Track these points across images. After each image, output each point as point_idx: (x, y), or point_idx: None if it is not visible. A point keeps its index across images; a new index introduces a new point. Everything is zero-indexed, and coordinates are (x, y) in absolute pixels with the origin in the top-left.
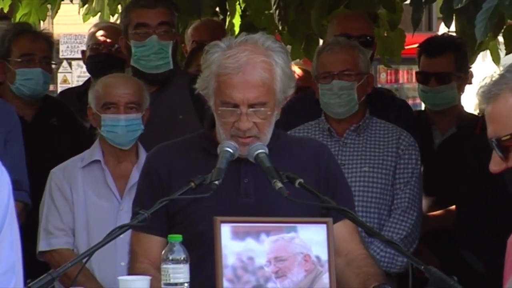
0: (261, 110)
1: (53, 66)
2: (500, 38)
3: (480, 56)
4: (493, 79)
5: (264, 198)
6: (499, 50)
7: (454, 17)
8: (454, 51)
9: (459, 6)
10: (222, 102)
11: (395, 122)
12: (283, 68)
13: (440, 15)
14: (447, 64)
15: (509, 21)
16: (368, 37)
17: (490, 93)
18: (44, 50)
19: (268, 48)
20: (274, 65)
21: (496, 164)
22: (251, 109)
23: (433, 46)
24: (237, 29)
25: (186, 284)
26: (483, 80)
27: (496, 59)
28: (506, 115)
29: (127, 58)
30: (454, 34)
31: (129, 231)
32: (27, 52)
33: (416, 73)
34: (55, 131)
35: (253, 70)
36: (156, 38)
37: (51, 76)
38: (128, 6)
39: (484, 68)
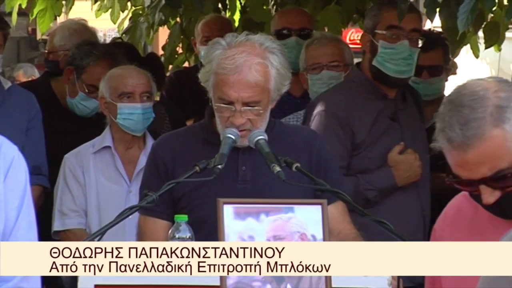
0: (255, 108)
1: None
2: (480, 33)
3: (464, 49)
4: (460, 119)
5: (260, 184)
6: (479, 44)
7: (437, 12)
8: (442, 46)
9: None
10: (219, 98)
11: None
12: (278, 69)
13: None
14: (438, 57)
15: (491, 15)
16: (306, 30)
17: (469, 138)
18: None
19: (266, 49)
20: (270, 66)
21: (490, 196)
22: (245, 107)
23: (425, 41)
24: (237, 24)
25: None
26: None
27: (475, 53)
28: (501, 148)
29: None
30: (439, 29)
31: (138, 215)
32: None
33: None
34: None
35: (248, 72)
36: (407, 43)
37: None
38: (382, 5)
39: (467, 61)
